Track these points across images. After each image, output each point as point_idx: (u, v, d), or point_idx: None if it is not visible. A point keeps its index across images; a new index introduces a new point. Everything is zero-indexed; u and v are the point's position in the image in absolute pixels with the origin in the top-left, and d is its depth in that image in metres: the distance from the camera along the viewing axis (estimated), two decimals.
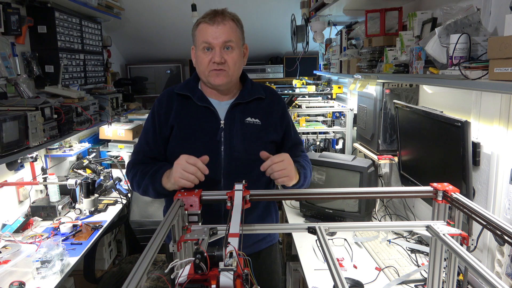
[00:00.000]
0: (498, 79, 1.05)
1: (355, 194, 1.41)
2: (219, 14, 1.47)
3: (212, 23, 1.45)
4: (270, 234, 1.70)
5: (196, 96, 1.54)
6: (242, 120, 1.53)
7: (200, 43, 1.47)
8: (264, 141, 1.55)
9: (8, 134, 1.77)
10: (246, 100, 1.55)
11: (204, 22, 1.47)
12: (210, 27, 1.45)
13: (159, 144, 1.55)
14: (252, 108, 1.56)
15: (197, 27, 1.50)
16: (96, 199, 2.73)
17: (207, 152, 1.44)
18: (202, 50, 1.47)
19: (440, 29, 1.40)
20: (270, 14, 3.90)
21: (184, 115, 1.54)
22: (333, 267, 0.88)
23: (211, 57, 1.46)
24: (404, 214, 2.35)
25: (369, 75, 2.09)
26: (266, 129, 1.56)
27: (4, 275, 1.83)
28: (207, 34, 1.45)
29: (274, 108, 1.60)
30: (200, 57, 1.48)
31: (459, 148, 1.47)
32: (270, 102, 1.60)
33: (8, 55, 2.18)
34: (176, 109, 1.54)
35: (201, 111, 1.53)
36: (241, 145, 1.51)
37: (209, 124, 1.52)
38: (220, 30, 1.45)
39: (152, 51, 4.61)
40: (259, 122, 1.55)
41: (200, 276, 0.72)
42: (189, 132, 1.52)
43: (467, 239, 1.03)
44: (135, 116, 3.95)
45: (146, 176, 1.46)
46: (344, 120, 3.06)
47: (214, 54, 1.45)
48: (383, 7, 2.06)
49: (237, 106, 1.54)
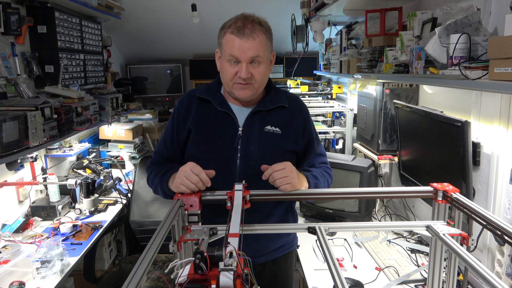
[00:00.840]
0: (498, 79, 1.05)
1: (355, 194, 1.41)
2: (248, 25, 1.39)
3: (240, 36, 1.37)
4: (287, 242, 1.65)
5: (217, 100, 1.49)
6: (261, 128, 1.48)
7: (227, 55, 1.40)
8: (282, 150, 1.49)
9: (8, 134, 1.77)
10: (268, 108, 1.49)
11: (232, 33, 1.38)
12: (238, 40, 1.37)
13: (175, 146, 1.53)
14: (273, 116, 1.50)
15: (224, 36, 1.41)
16: (96, 199, 2.73)
17: (222, 159, 1.44)
18: (228, 62, 1.40)
19: (440, 29, 1.40)
20: (270, 14, 3.87)
21: (203, 120, 1.49)
22: (333, 267, 0.88)
23: (237, 70, 1.39)
24: (404, 214, 2.35)
25: (369, 75, 2.09)
26: (285, 139, 1.50)
27: (4, 275, 1.83)
28: (234, 48, 1.37)
29: (296, 117, 1.54)
30: (226, 68, 1.42)
31: (459, 148, 1.47)
32: (293, 111, 1.54)
33: (8, 55, 2.18)
34: (195, 113, 1.50)
35: (220, 116, 1.48)
36: (258, 154, 1.46)
37: (227, 130, 1.48)
38: (249, 45, 1.37)
39: (152, 51, 4.61)
40: (279, 131, 1.49)
41: (200, 276, 0.72)
42: (206, 137, 1.49)
43: (467, 239, 1.04)
44: (135, 116, 3.95)
45: (158, 176, 1.46)
46: (344, 120, 3.06)
47: (240, 68, 1.39)
48: (383, 7, 2.06)
49: (257, 113, 1.49)
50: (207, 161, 1.39)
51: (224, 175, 1.40)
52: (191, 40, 4.43)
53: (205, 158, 1.42)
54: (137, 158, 3.53)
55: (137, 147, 3.61)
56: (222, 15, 3.64)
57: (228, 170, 1.45)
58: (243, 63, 1.38)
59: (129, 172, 3.45)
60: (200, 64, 4.72)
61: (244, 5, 3.70)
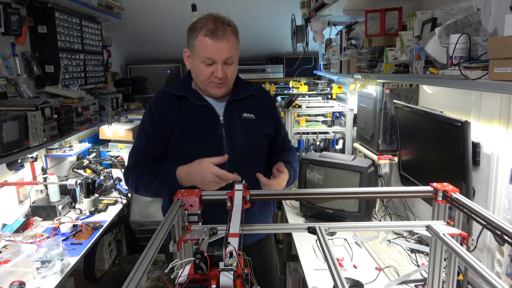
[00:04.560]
0: (498, 79, 1.05)
1: (355, 194, 1.41)
2: (220, 26, 1.47)
3: (215, 39, 1.46)
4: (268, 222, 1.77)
5: (193, 96, 1.59)
6: (239, 116, 1.60)
7: (201, 57, 1.49)
8: (260, 135, 1.64)
9: (8, 134, 1.77)
10: (240, 97, 1.62)
11: (206, 36, 1.47)
12: (212, 42, 1.46)
13: (160, 143, 1.58)
14: (246, 105, 1.63)
15: (196, 38, 1.50)
16: (96, 199, 2.73)
17: (210, 148, 1.53)
18: (203, 63, 1.50)
19: (440, 29, 1.40)
20: (270, 14, 3.90)
21: (184, 114, 1.57)
22: (333, 267, 0.88)
23: (212, 71, 1.49)
24: (404, 214, 2.35)
25: (369, 75, 2.09)
26: (260, 124, 1.64)
27: (4, 275, 1.83)
28: (209, 50, 1.47)
29: (265, 104, 1.70)
30: (201, 69, 1.51)
31: (459, 148, 1.47)
32: (261, 99, 1.69)
33: (8, 55, 2.18)
34: (174, 109, 1.58)
35: (199, 109, 1.58)
36: (242, 138, 1.58)
37: (209, 121, 1.57)
38: (222, 47, 1.47)
39: (152, 51, 4.61)
40: (254, 117, 1.63)
41: (200, 276, 0.72)
42: (190, 130, 1.56)
43: (467, 239, 1.04)
44: (135, 116, 3.95)
45: (157, 179, 1.50)
46: (344, 120, 3.06)
47: (216, 68, 1.49)
48: (383, 7, 2.06)
49: (233, 102, 1.61)
50: (196, 152, 1.50)
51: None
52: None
53: (193, 150, 1.52)
54: None
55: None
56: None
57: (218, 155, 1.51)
58: (218, 64, 1.48)
59: None
60: None
61: (244, 5, 3.70)
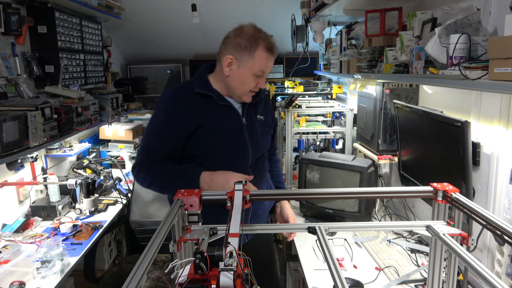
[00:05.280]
0: (498, 79, 1.05)
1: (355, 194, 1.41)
2: (274, 44, 1.59)
3: (272, 55, 1.58)
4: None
5: (216, 95, 1.61)
6: (256, 118, 1.71)
7: (256, 70, 1.56)
8: (269, 135, 1.79)
9: (8, 134, 1.77)
10: (255, 101, 1.71)
11: (266, 51, 1.55)
12: (269, 58, 1.57)
13: (176, 142, 1.57)
14: (258, 107, 1.74)
15: (256, 50, 1.54)
16: (96, 199, 2.73)
17: (234, 147, 1.60)
18: (253, 75, 1.57)
19: (440, 29, 1.40)
20: (270, 14, 3.90)
21: (209, 113, 1.59)
22: (333, 267, 0.88)
23: (257, 83, 1.59)
24: (404, 214, 2.35)
25: (369, 75, 2.09)
26: (268, 125, 1.78)
27: (4, 275, 1.83)
28: (265, 65, 1.57)
29: (268, 106, 1.83)
30: (249, 79, 1.58)
31: (459, 148, 1.47)
32: (266, 101, 1.81)
33: (8, 55, 2.18)
34: (199, 107, 1.59)
35: (223, 109, 1.62)
36: (261, 139, 1.70)
37: (233, 121, 1.63)
38: (272, 62, 1.61)
39: (152, 51, 4.61)
40: (263, 118, 1.74)
41: (200, 276, 0.72)
42: (217, 130, 1.59)
43: (467, 239, 1.03)
44: (135, 116, 3.95)
45: (178, 180, 1.52)
46: (344, 120, 3.05)
47: (260, 80, 1.60)
48: (383, 7, 2.06)
49: (250, 105, 1.70)
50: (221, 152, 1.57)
51: (240, 161, 1.60)
52: (191, 40, 4.43)
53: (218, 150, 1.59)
54: None
55: (137, 147, 3.61)
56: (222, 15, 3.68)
57: (243, 156, 1.62)
58: (264, 76, 1.60)
59: (129, 172, 3.45)
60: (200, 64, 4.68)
61: (244, 5, 3.70)
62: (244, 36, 1.54)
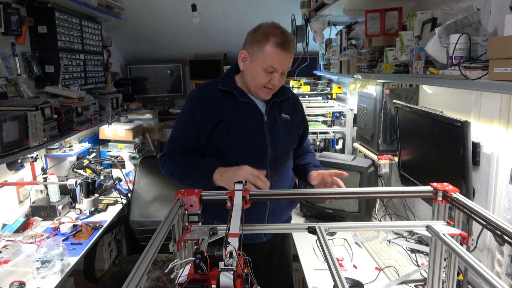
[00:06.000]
0: (498, 79, 1.05)
1: (355, 194, 1.41)
2: (290, 41, 1.54)
3: (284, 51, 1.52)
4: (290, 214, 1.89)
5: (239, 93, 1.63)
6: (280, 116, 1.70)
7: (266, 65, 1.54)
8: (294, 135, 1.77)
9: (8, 134, 1.77)
10: (281, 99, 1.70)
11: (276, 47, 1.51)
12: (280, 54, 1.52)
13: (200, 136, 1.62)
14: (284, 106, 1.73)
15: (265, 46, 1.52)
16: (96, 199, 2.73)
17: (255, 145, 1.61)
18: (264, 70, 1.55)
19: (440, 29, 1.40)
20: (270, 14, 3.90)
21: (230, 110, 1.62)
22: (333, 267, 0.88)
23: (270, 78, 1.56)
24: (404, 214, 2.35)
25: (369, 75, 2.09)
26: (294, 125, 1.76)
27: (4, 275, 1.83)
28: (275, 61, 1.53)
29: (297, 106, 1.82)
30: (260, 74, 1.56)
31: (459, 148, 1.47)
32: (293, 102, 1.80)
33: (8, 55, 2.18)
34: (221, 103, 1.62)
35: (245, 106, 1.64)
36: (282, 137, 1.69)
37: (254, 118, 1.64)
38: (287, 60, 1.56)
39: (152, 51, 4.61)
40: (289, 118, 1.73)
41: (200, 276, 0.72)
42: (236, 126, 1.61)
43: (467, 239, 1.04)
44: (135, 116, 3.95)
45: (195, 172, 1.58)
46: (344, 120, 3.05)
47: (273, 77, 1.56)
48: (383, 7, 2.06)
49: (274, 103, 1.69)
50: (240, 147, 1.59)
51: (259, 159, 1.62)
52: (191, 40, 4.43)
53: (237, 145, 1.60)
54: (137, 158, 3.53)
55: (137, 147, 3.61)
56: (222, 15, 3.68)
57: (261, 153, 1.63)
58: (278, 73, 1.56)
59: (129, 172, 3.45)
60: (200, 64, 4.72)
61: (244, 5, 3.70)
62: (259, 31, 1.56)
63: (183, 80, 4.89)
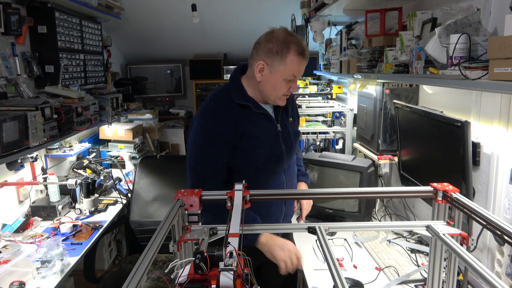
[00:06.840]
0: (498, 79, 1.05)
1: (355, 194, 1.41)
2: (306, 47, 1.57)
3: (304, 58, 1.55)
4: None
5: (252, 104, 1.61)
6: (288, 122, 1.72)
7: (288, 74, 1.54)
8: (299, 136, 1.80)
9: (8, 134, 1.77)
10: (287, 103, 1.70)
11: (298, 55, 1.52)
12: (302, 61, 1.55)
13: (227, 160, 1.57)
14: (288, 110, 1.74)
15: (287, 56, 1.51)
16: (96, 199, 2.73)
17: (273, 157, 1.61)
18: (285, 80, 1.55)
19: (440, 29, 1.40)
20: (270, 14, 3.90)
21: (249, 124, 1.59)
22: (333, 267, 0.88)
23: (290, 87, 1.58)
24: (404, 214, 2.35)
25: (369, 75, 2.09)
26: (296, 125, 1.80)
27: (4, 275, 1.83)
28: (297, 69, 1.55)
29: (294, 107, 1.84)
30: (281, 84, 1.56)
31: (459, 148, 1.47)
32: (292, 102, 1.80)
33: (8, 55, 2.18)
34: (241, 118, 1.58)
35: (260, 117, 1.62)
36: (294, 143, 1.72)
37: (270, 129, 1.64)
38: (304, 66, 1.59)
39: (152, 51, 4.62)
40: (292, 120, 1.76)
41: (200, 276, 0.72)
42: (257, 139, 1.60)
43: (467, 239, 1.04)
44: (135, 116, 3.95)
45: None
46: (344, 120, 3.05)
47: (293, 84, 1.58)
48: (383, 7, 2.06)
49: (283, 110, 1.70)
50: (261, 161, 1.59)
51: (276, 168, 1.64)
52: (191, 40, 4.43)
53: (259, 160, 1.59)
54: (137, 158, 3.53)
55: (137, 147, 3.61)
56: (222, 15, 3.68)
57: (278, 164, 1.65)
58: (296, 80, 1.59)
59: (129, 172, 3.45)
60: (200, 64, 4.72)
61: (244, 5, 3.70)
62: (275, 41, 1.52)
63: (183, 80, 4.89)
